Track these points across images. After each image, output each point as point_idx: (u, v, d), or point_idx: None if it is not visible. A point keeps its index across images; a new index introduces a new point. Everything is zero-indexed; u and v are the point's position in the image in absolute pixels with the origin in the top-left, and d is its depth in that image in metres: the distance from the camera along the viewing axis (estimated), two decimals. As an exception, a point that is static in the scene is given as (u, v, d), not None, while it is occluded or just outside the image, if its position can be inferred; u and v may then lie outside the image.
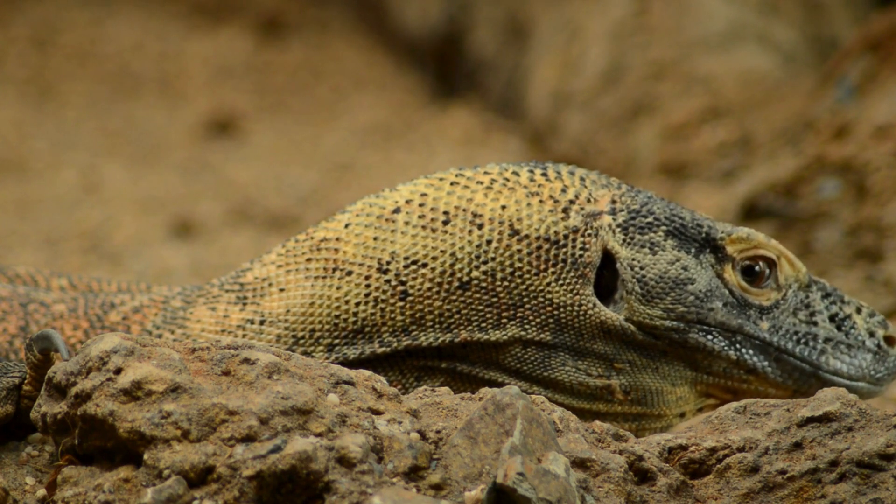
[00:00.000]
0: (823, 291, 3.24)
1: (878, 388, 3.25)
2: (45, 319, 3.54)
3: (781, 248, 3.26)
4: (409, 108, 10.68)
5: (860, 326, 3.19)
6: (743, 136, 7.75)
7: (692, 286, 3.20)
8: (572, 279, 3.25)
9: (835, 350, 3.18)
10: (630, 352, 3.25)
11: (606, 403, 3.28)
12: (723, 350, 3.20)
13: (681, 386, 3.25)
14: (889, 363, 3.23)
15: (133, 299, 3.57)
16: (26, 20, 11.92)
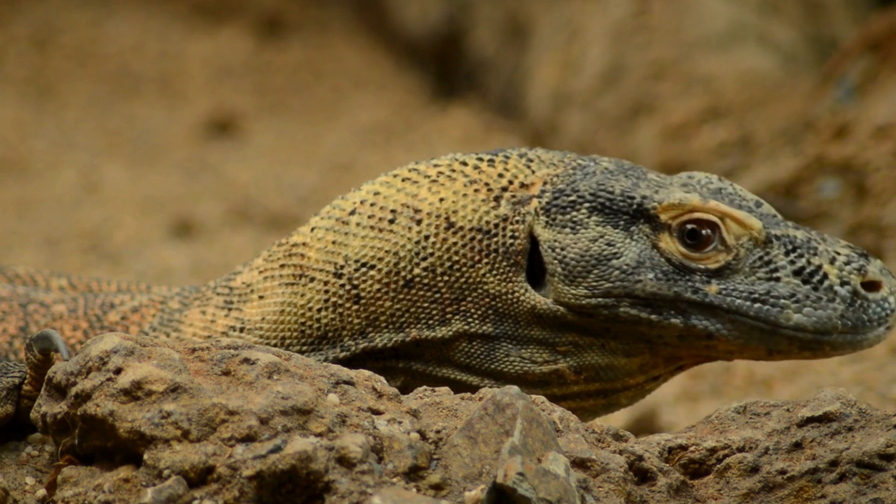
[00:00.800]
0: (789, 246, 3.09)
1: (859, 336, 3.07)
2: (45, 320, 3.54)
3: (725, 208, 3.13)
4: (409, 108, 10.68)
5: (832, 276, 3.04)
6: (743, 136, 7.75)
7: (617, 261, 3.13)
8: (505, 268, 3.21)
9: (798, 305, 3.04)
10: (569, 333, 3.19)
11: (561, 386, 3.23)
12: (663, 320, 3.11)
13: (638, 356, 3.18)
14: (871, 310, 3.06)
15: (132, 300, 3.57)
16: (26, 20, 11.92)
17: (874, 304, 3.04)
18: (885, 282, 3.05)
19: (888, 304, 3.05)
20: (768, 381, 5.61)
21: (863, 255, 3.09)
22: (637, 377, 3.21)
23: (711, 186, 3.21)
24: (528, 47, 9.87)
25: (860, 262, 3.06)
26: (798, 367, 5.65)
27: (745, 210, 3.15)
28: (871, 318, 3.04)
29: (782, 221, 3.18)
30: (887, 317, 3.05)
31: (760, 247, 3.09)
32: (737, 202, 3.18)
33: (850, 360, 5.62)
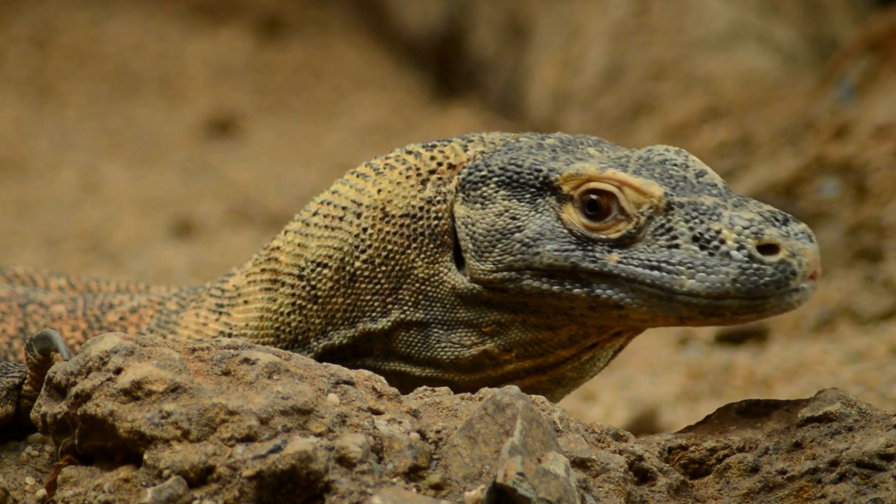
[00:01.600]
0: (691, 212, 2.98)
1: (756, 301, 2.93)
2: (44, 320, 3.54)
3: (622, 176, 3.04)
4: (409, 108, 10.68)
5: (729, 241, 2.92)
6: (743, 136, 7.75)
7: (519, 234, 3.09)
8: (432, 250, 3.19)
9: (692, 271, 2.93)
10: (491, 312, 3.15)
11: (495, 367, 3.19)
12: (564, 290, 3.06)
13: (563, 328, 3.12)
14: (767, 273, 2.91)
15: (131, 300, 3.57)
16: (26, 20, 11.92)
17: (770, 267, 2.91)
18: (783, 244, 2.92)
19: (788, 266, 2.91)
20: (768, 381, 5.61)
21: (772, 219, 2.96)
22: (570, 348, 3.15)
23: (656, 159, 3.12)
24: (528, 47, 9.87)
25: (760, 225, 2.93)
26: (798, 367, 5.66)
27: (653, 178, 3.05)
28: (767, 283, 2.91)
29: (715, 189, 3.05)
30: (787, 280, 2.91)
31: (661, 214, 3.00)
32: (668, 173, 3.07)
33: (851, 360, 5.62)
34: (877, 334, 5.84)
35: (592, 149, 3.17)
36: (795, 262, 2.91)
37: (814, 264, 2.93)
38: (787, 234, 2.93)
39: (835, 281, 6.30)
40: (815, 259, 2.94)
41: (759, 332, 6.10)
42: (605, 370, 6.05)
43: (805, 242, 2.93)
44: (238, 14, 12.39)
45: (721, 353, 6.02)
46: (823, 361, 5.65)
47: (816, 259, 2.94)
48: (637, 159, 3.11)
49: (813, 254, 2.92)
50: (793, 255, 2.91)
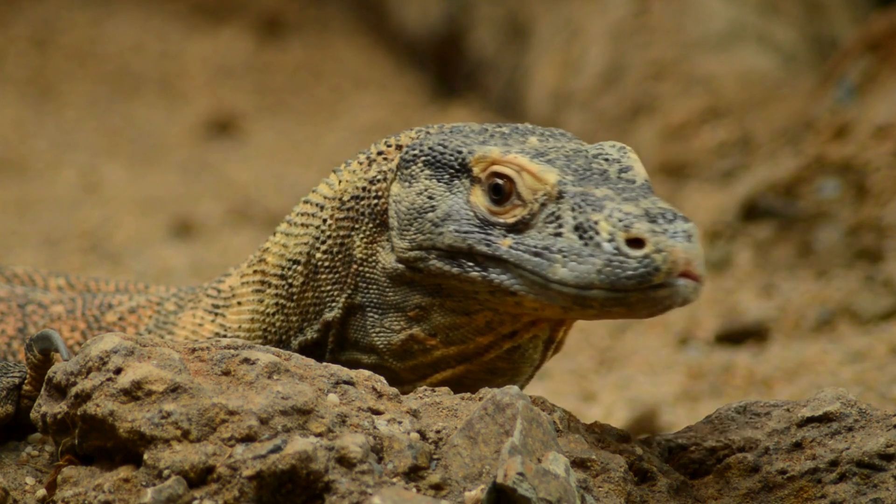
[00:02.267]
0: (580, 202, 2.93)
1: (619, 294, 2.86)
2: (43, 321, 3.54)
3: (522, 160, 3.01)
4: (409, 108, 10.68)
5: (603, 232, 2.87)
6: (743, 136, 7.75)
7: (432, 213, 3.07)
8: (371, 230, 3.18)
9: (566, 259, 2.89)
10: (414, 294, 3.13)
11: (424, 354, 3.15)
12: (463, 273, 3.04)
13: (478, 313, 3.08)
14: (631, 266, 2.84)
15: (130, 300, 3.57)
16: (26, 20, 11.92)
17: (633, 261, 2.84)
18: (650, 239, 2.84)
19: (652, 262, 2.85)
20: (768, 381, 5.61)
21: (654, 215, 2.89)
22: (488, 336, 3.11)
23: (591, 153, 3.08)
24: (528, 47, 9.87)
25: (633, 219, 2.87)
26: (798, 367, 5.66)
27: (553, 166, 3.01)
28: (629, 276, 2.85)
29: (623, 184, 2.99)
30: (650, 275, 2.84)
31: (554, 202, 2.96)
32: (586, 166, 3.03)
33: (851, 360, 5.62)
34: (877, 334, 5.84)
35: (535, 138, 3.13)
36: (660, 258, 2.84)
37: (682, 263, 2.85)
38: (658, 231, 2.86)
39: (835, 281, 6.30)
40: (686, 258, 2.86)
41: (759, 332, 6.10)
42: (605, 370, 6.07)
43: (677, 241, 2.86)
44: (238, 14, 12.39)
45: (721, 353, 6.02)
46: (823, 361, 5.66)
47: (688, 258, 2.86)
48: (567, 151, 3.08)
49: (683, 252, 2.85)
50: (658, 251, 2.84)
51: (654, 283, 2.85)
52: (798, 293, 6.31)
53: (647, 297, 2.86)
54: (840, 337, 5.93)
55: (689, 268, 2.87)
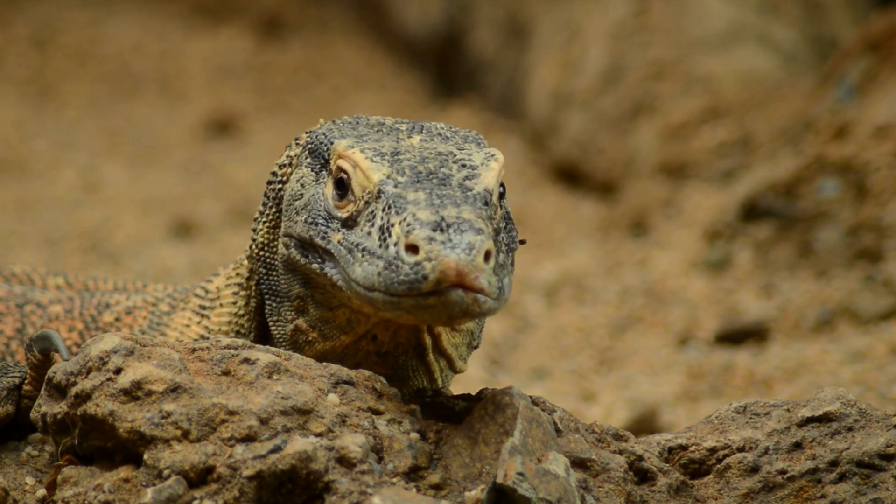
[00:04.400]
0: (392, 203, 2.90)
1: (394, 298, 2.83)
2: (42, 321, 3.54)
3: (359, 157, 3.00)
4: (409, 108, 10.68)
5: (394, 234, 2.86)
6: (743, 136, 7.75)
7: (299, 201, 3.08)
8: (273, 214, 3.18)
9: (363, 259, 2.88)
10: (295, 283, 3.11)
11: (308, 345, 3.12)
12: (308, 263, 3.04)
13: (339, 308, 3.06)
14: (402, 272, 2.83)
15: (128, 300, 3.56)
16: (26, 20, 11.92)
17: (406, 266, 2.82)
18: (423, 247, 2.81)
19: (421, 269, 2.81)
20: (768, 381, 5.61)
21: (442, 224, 2.85)
22: (349, 334, 3.08)
23: (455, 157, 3.04)
24: (528, 47, 9.87)
25: (417, 225, 2.84)
26: (798, 367, 5.66)
27: (386, 165, 2.99)
28: (400, 281, 2.82)
29: (449, 189, 2.94)
30: (419, 283, 2.81)
31: (375, 200, 2.95)
32: (430, 169, 2.99)
33: (851, 360, 5.62)
34: (877, 334, 5.84)
35: (418, 137, 3.11)
36: (429, 267, 2.81)
37: (452, 274, 2.80)
38: (437, 240, 2.83)
39: (835, 281, 6.30)
40: (457, 269, 2.80)
41: (759, 332, 6.10)
42: (605, 370, 6.07)
43: (453, 252, 2.81)
44: (238, 14, 12.39)
45: (721, 353, 6.02)
46: (823, 361, 5.66)
47: (460, 270, 2.80)
48: (427, 153, 3.04)
49: (454, 263, 2.80)
50: (428, 260, 2.81)
51: (424, 291, 2.82)
52: (798, 293, 6.31)
53: (419, 304, 2.83)
54: (840, 337, 5.94)
55: (463, 280, 2.80)
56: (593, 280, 7.08)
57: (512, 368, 6.14)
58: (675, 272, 6.87)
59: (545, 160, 9.13)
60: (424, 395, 2.99)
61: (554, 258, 7.53)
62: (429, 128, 3.16)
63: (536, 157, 9.27)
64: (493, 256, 2.85)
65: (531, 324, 6.67)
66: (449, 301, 2.81)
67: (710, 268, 6.76)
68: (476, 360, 6.16)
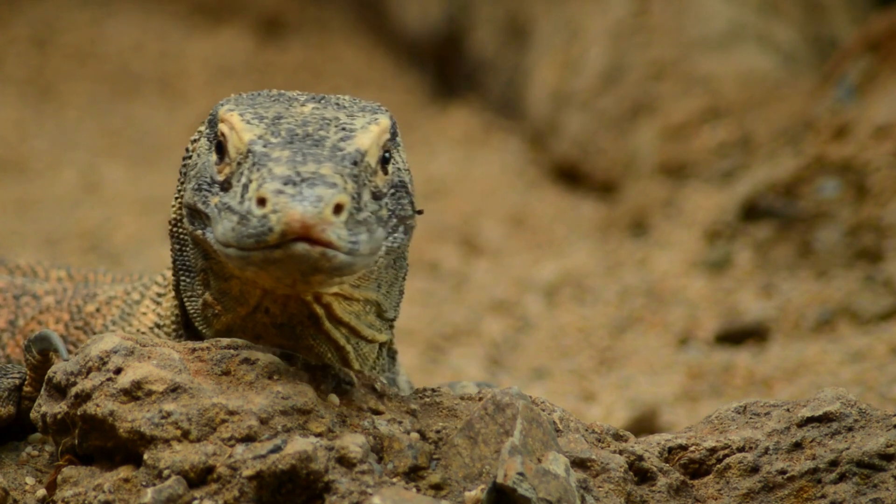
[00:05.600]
0: (256, 162, 2.88)
1: (245, 252, 2.81)
2: (33, 312, 3.53)
3: (235, 120, 2.98)
4: (409, 108, 10.68)
5: (250, 190, 2.83)
6: (743, 136, 7.75)
7: (193, 170, 3.06)
8: (183, 188, 3.16)
9: (224, 217, 2.86)
10: (199, 256, 3.09)
11: (217, 320, 3.08)
12: (195, 230, 3.01)
13: (232, 279, 3.03)
14: (252, 224, 2.79)
15: (111, 289, 3.55)
16: (26, 20, 11.92)
17: (255, 219, 2.79)
18: (270, 199, 2.79)
19: (267, 221, 2.78)
20: (768, 381, 5.61)
21: (294, 178, 2.82)
22: (244, 306, 3.04)
23: (326, 117, 3.02)
24: (528, 47, 9.87)
25: (268, 179, 2.82)
26: (798, 367, 5.66)
27: (258, 127, 2.97)
28: (249, 234, 2.80)
29: (317, 150, 2.92)
30: (264, 235, 2.78)
31: (245, 160, 2.93)
32: (308, 132, 2.97)
33: (851, 360, 5.62)
34: (877, 334, 5.84)
35: (311, 105, 3.08)
36: (274, 219, 2.78)
37: (297, 225, 2.77)
38: (286, 193, 2.80)
39: (835, 281, 6.30)
40: (302, 221, 2.77)
41: (759, 332, 6.10)
42: (605, 370, 6.07)
43: (300, 203, 2.79)
44: (238, 14, 12.39)
45: (721, 353, 6.02)
46: (823, 361, 5.66)
47: (305, 221, 2.77)
48: (308, 117, 3.02)
49: (300, 214, 2.77)
50: (274, 212, 2.78)
51: (270, 244, 2.79)
52: (798, 293, 6.31)
53: (267, 257, 2.79)
54: (840, 337, 5.94)
55: (309, 232, 2.78)
56: (593, 280, 7.08)
57: (512, 368, 6.14)
58: (675, 272, 6.87)
59: (545, 160, 9.13)
60: (424, 394, 2.99)
61: (554, 258, 7.53)
62: (329, 99, 3.14)
63: (536, 157, 9.27)
64: (346, 210, 2.81)
65: (531, 324, 6.67)
66: (295, 254, 2.78)
67: (710, 268, 6.76)
68: (476, 360, 6.17)
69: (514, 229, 8.19)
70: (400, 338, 6.47)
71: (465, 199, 8.68)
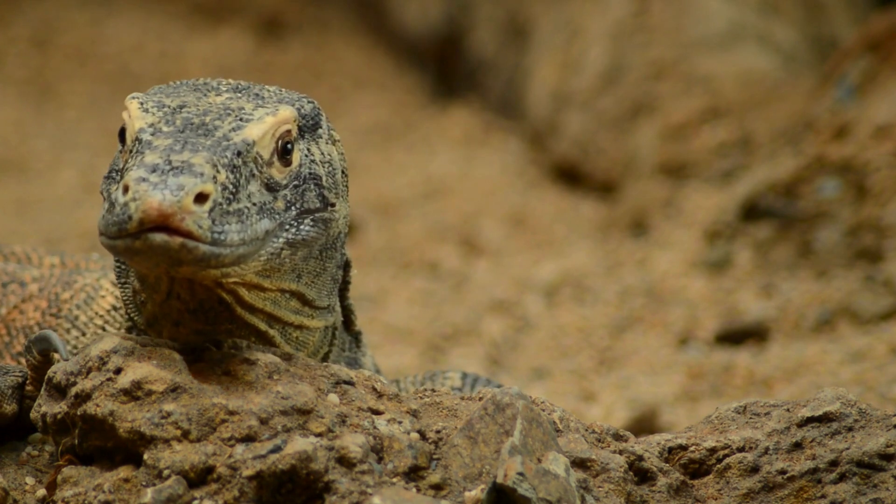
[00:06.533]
0: (138, 147, 2.87)
1: (112, 241, 2.78)
2: (16, 299, 3.52)
3: (133, 108, 2.96)
4: (409, 108, 10.68)
5: (124, 179, 2.79)
6: (743, 136, 7.75)
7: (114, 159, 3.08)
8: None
9: (104, 205, 2.84)
10: None
11: (144, 307, 3.07)
12: None
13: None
14: (115, 213, 2.76)
15: (90, 276, 3.54)
16: (26, 20, 11.92)
17: (118, 207, 2.76)
18: (132, 187, 2.76)
19: (126, 210, 2.75)
20: (768, 381, 5.61)
21: (160, 165, 2.79)
22: (159, 292, 3.03)
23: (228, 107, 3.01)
24: (528, 47, 9.87)
25: (133, 167, 2.80)
26: (798, 367, 5.66)
27: (152, 114, 2.95)
28: (111, 223, 2.76)
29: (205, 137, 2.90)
30: (124, 223, 2.75)
31: (134, 149, 2.91)
32: (204, 120, 2.94)
33: (851, 360, 5.62)
34: (877, 334, 5.84)
35: (226, 96, 3.07)
36: (133, 207, 2.75)
37: (153, 213, 2.74)
38: (147, 181, 2.77)
39: (835, 281, 6.30)
40: (159, 210, 2.74)
41: (759, 332, 6.10)
42: (605, 370, 6.07)
43: (158, 191, 2.76)
44: (238, 14, 12.39)
45: (721, 353, 6.02)
46: (823, 361, 5.66)
47: (162, 210, 2.74)
48: (210, 107, 3.00)
49: (157, 203, 2.74)
50: (133, 200, 2.75)
51: (130, 232, 2.76)
52: (798, 293, 6.31)
53: (129, 246, 2.77)
54: (840, 337, 5.94)
55: (167, 221, 2.75)
56: (593, 280, 7.08)
57: (512, 368, 6.14)
58: (675, 272, 6.87)
59: (545, 160, 9.13)
60: (424, 394, 2.99)
61: (554, 258, 7.53)
62: (251, 89, 3.13)
63: (536, 157, 9.27)
64: (210, 200, 2.78)
65: (531, 324, 6.67)
66: (154, 244, 2.76)
67: (710, 268, 6.76)
68: (476, 360, 6.17)
69: (514, 229, 8.19)
70: (400, 338, 6.48)
71: (465, 199, 8.68)
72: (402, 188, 8.78)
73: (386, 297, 7.05)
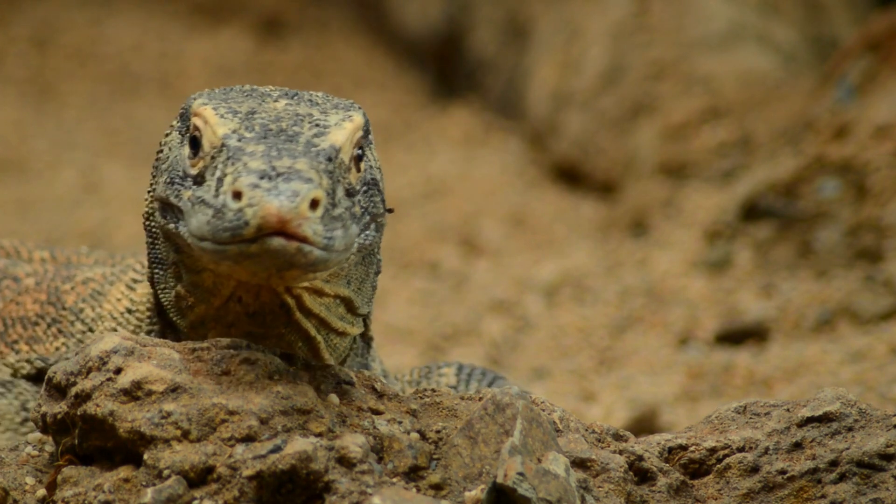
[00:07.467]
0: (230, 155, 2.88)
1: (221, 246, 2.81)
2: (12, 294, 3.53)
3: (209, 114, 2.99)
4: (409, 108, 10.68)
5: (225, 184, 2.83)
6: (743, 136, 7.75)
7: (164, 163, 3.07)
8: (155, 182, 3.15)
9: (198, 210, 2.86)
10: (171, 250, 3.09)
11: (191, 311, 3.09)
12: (168, 224, 3.01)
13: (204, 272, 3.03)
14: (228, 218, 2.79)
15: (90, 271, 3.54)
16: (26, 20, 11.92)
17: (231, 213, 2.79)
18: (246, 193, 2.78)
19: (243, 215, 2.77)
20: (768, 381, 5.61)
21: (270, 172, 2.82)
22: (217, 296, 3.04)
23: (299, 113, 3.03)
24: (528, 47, 9.87)
25: (244, 173, 2.82)
26: (798, 367, 5.66)
27: (233, 121, 2.97)
28: (225, 228, 2.79)
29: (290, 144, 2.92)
30: (240, 228, 2.77)
31: (219, 154, 2.93)
32: (282, 127, 2.97)
33: (851, 360, 5.62)
34: (877, 334, 5.84)
35: (284, 101, 3.08)
36: (250, 213, 2.77)
37: (273, 220, 2.77)
38: (262, 187, 2.80)
39: (835, 281, 6.30)
40: (279, 215, 2.77)
41: (759, 332, 6.10)
42: (605, 370, 6.07)
43: (276, 197, 2.79)
44: (238, 14, 12.39)
45: (721, 353, 6.02)
46: (823, 361, 5.66)
47: (281, 216, 2.77)
48: (282, 113, 3.01)
49: (276, 209, 2.77)
50: (250, 206, 2.78)
51: (246, 238, 2.79)
52: (798, 293, 6.31)
53: (243, 252, 2.79)
54: (840, 337, 5.94)
55: (284, 227, 2.78)
56: (593, 280, 7.08)
57: (512, 368, 6.14)
58: (675, 272, 6.87)
59: (545, 160, 9.13)
60: (424, 394, 2.99)
61: (554, 258, 7.53)
62: (302, 95, 3.15)
63: (536, 157, 9.27)
64: (321, 206, 2.81)
65: (531, 324, 6.67)
66: (271, 248, 2.78)
67: (710, 268, 6.76)
68: (476, 360, 6.17)
69: (514, 229, 8.19)
70: (400, 338, 6.48)
71: (465, 199, 8.68)
72: (401, 188, 8.78)
73: (386, 297, 7.05)
